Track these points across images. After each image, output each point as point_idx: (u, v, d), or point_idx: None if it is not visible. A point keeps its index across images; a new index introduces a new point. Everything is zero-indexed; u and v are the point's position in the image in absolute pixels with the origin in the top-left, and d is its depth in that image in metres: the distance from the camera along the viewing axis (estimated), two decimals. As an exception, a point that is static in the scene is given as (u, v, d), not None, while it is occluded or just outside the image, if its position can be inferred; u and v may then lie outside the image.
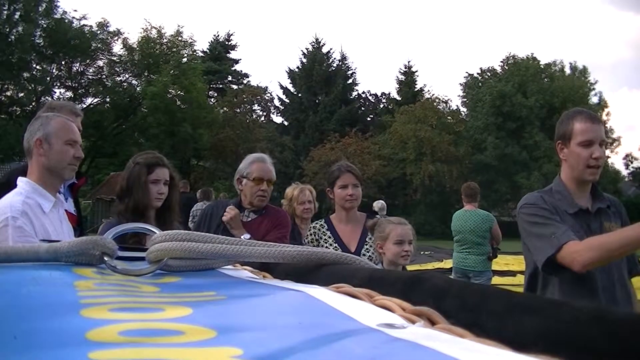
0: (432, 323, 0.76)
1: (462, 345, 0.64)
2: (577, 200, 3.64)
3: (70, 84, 49.13)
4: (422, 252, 25.37)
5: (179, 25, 63.08)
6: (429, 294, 0.87)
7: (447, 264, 18.85)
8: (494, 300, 0.76)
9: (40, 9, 45.20)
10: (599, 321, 0.64)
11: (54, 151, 3.57)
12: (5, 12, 43.86)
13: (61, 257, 1.20)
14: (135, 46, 49.14)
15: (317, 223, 5.14)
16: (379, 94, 69.07)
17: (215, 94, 62.77)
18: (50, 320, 0.78)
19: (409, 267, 5.24)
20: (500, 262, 19.06)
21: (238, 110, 56.25)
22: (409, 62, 78.33)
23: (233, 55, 66.15)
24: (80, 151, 3.75)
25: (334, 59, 66.18)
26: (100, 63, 49.49)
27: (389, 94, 68.43)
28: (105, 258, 1.21)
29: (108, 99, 49.30)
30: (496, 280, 13.71)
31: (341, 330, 0.72)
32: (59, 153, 3.58)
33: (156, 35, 49.51)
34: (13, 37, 43.85)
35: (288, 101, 65.26)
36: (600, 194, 3.74)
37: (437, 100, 60.34)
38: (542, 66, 61.85)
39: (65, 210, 4.37)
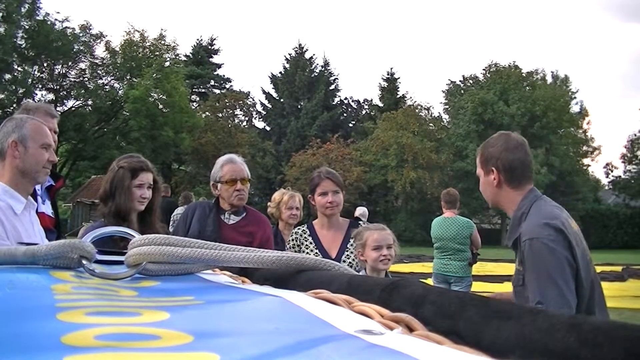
0: (411, 330, 0.76)
1: (440, 352, 0.64)
2: None
3: (51, 86, 48.72)
4: (404, 261, 25.37)
5: (162, 29, 63.02)
6: (407, 300, 0.87)
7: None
8: (471, 307, 0.76)
9: (22, 10, 44.86)
10: (575, 329, 0.64)
11: (30, 154, 3.54)
12: (-13, 13, 43.62)
13: (39, 260, 1.19)
14: (118, 49, 48.85)
15: (299, 229, 5.14)
16: (361, 100, 69.28)
17: (198, 99, 62.56)
18: (26, 323, 0.77)
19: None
20: (480, 270, 19.12)
21: (220, 114, 56.03)
22: (391, 68, 78.66)
23: (216, 59, 66.01)
24: (54, 155, 3.74)
25: (317, 64, 66.39)
26: (83, 66, 49.12)
27: (371, 100, 68.62)
28: (84, 262, 1.20)
29: (90, 102, 48.91)
30: (479, 286, 13.69)
31: (319, 336, 0.72)
32: (34, 156, 3.55)
33: (139, 39, 49.26)
34: (-6, 38, 43.57)
35: (270, 106, 65.23)
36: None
37: (419, 107, 60.49)
38: (523, 74, 62.07)
39: (43, 213, 4.35)
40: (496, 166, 3.56)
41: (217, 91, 63.09)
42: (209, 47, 65.27)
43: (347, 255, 4.86)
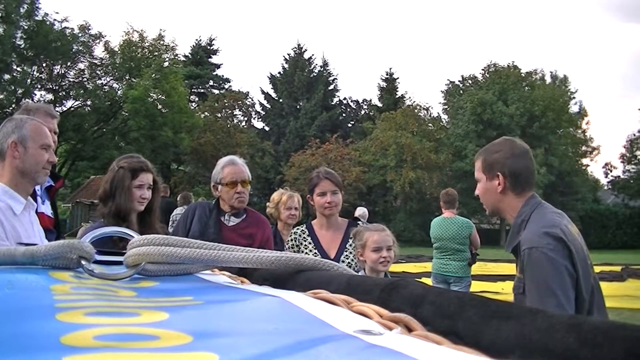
0: (409, 330, 0.76)
1: (439, 353, 0.64)
2: None
3: (50, 86, 48.65)
4: (402, 261, 25.35)
5: (161, 29, 62.98)
6: (406, 300, 0.87)
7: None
8: (471, 307, 0.76)
9: (21, 11, 44.80)
10: (575, 329, 0.64)
11: (30, 155, 3.53)
12: (-14, 13, 43.56)
13: (38, 261, 1.19)
14: (117, 49, 48.82)
15: (298, 229, 5.15)
16: (360, 101, 69.30)
17: (197, 99, 62.53)
18: (26, 324, 0.77)
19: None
20: (479, 270, 19.12)
21: (219, 115, 56.05)
22: (390, 69, 79.01)
23: (215, 59, 66.00)
24: (54, 156, 3.74)
25: (316, 64, 66.49)
26: (82, 66, 49.06)
27: (370, 100, 68.68)
28: (83, 262, 1.20)
29: (89, 102, 48.85)
30: (478, 286, 13.68)
31: (318, 337, 0.72)
32: (34, 157, 3.54)
33: (138, 39, 49.25)
34: (-7, 38, 43.50)
35: (269, 106, 65.26)
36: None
37: (418, 107, 60.49)
38: (522, 74, 62.12)
39: (42, 213, 4.34)
40: (502, 172, 3.52)
41: (216, 91, 63.13)
42: (208, 47, 65.26)
43: (346, 255, 4.86)
